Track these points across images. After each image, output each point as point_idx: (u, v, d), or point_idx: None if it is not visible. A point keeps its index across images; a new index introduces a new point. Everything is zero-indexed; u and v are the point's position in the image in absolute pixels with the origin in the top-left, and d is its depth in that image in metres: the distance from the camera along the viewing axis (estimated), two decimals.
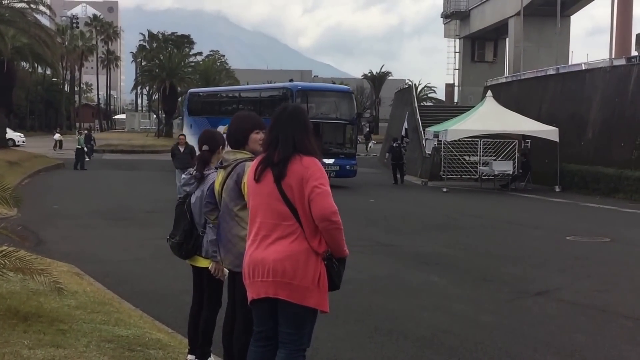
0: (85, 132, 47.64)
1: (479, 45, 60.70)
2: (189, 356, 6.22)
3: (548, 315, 9.32)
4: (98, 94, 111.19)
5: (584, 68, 32.91)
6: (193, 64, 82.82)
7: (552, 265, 13.03)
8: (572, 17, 50.58)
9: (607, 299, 10.37)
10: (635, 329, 8.74)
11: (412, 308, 9.44)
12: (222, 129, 27.64)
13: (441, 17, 63.08)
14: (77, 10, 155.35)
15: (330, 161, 27.26)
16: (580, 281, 11.63)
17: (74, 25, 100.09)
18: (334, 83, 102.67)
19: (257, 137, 5.53)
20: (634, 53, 35.27)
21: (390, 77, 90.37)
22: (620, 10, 32.33)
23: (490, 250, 14.70)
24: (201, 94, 42.38)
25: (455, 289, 10.88)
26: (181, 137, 23.23)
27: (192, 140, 26.98)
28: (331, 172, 26.62)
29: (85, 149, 37.79)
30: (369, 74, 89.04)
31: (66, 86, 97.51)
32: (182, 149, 21.19)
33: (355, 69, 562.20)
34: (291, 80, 38.14)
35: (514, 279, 11.58)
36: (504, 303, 9.92)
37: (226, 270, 5.60)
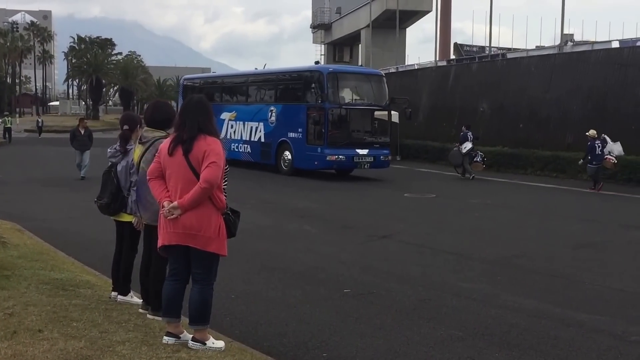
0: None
1: (339, 50, 61.15)
2: (113, 293, 6.12)
3: (391, 253, 9.55)
4: (35, 85, 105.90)
5: (416, 67, 33.78)
6: (115, 62, 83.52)
7: (394, 215, 13.36)
8: (407, 29, 51.70)
9: (435, 239, 10.72)
10: (456, 261, 9.06)
11: (289, 250, 9.48)
12: (227, 115, 23.97)
13: (310, 27, 63.07)
14: (17, 17, 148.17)
15: (364, 152, 19.88)
16: (414, 227, 11.97)
17: (15, 29, 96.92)
18: None
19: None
20: (452, 57, 36.33)
21: None
22: (442, 25, 33.21)
23: (349, 205, 14.93)
24: (197, 81, 29.64)
25: (322, 235, 11.00)
26: (83, 121, 20.15)
27: None
28: (364, 164, 20.00)
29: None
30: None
31: (8, 79, 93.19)
32: (82, 132, 18.97)
33: (245, 66, 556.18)
34: (317, 63, 28.58)
35: (366, 226, 11.80)
36: (359, 245, 10.09)
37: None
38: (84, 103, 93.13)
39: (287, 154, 21.02)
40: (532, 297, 7.09)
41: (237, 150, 23.34)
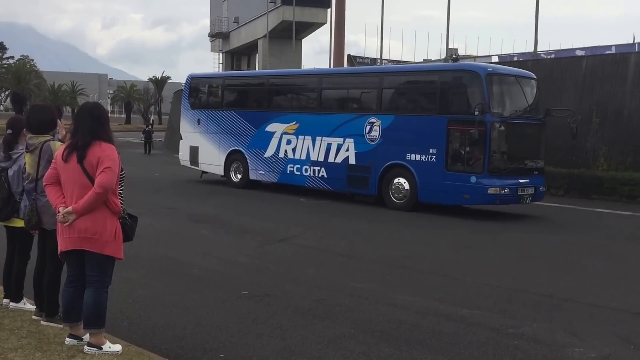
0: None
1: (237, 59, 60.89)
2: (4, 300, 5.81)
3: (287, 256, 9.61)
4: None
5: None
6: (6, 65, 78.11)
7: (290, 219, 13.43)
8: (303, 40, 52.23)
9: (328, 242, 10.88)
10: (349, 263, 9.23)
11: (187, 255, 9.34)
12: (280, 127, 17.28)
13: (209, 36, 62.43)
14: None
15: (526, 180, 14.05)
16: (310, 230, 12.09)
17: None
18: (125, 85, 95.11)
19: (61, 124, 5.52)
20: (345, 66, 36.89)
21: (170, 81, 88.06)
22: (336, 37, 33.76)
23: (247, 211, 14.87)
24: (217, 81, 20.87)
25: (220, 239, 10.91)
26: None
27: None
28: (526, 197, 14.09)
29: None
30: (153, 78, 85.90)
31: None
32: None
33: (143, 73, 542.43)
34: (455, 60, 20.06)
35: (263, 230, 11.80)
36: (256, 248, 10.08)
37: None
38: None
39: (403, 183, 14.80)
40: (419, 295, 7.34)
41: (298, 173, 17.02)
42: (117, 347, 4.76)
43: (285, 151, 17.24)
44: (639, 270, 9.41)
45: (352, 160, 15.79)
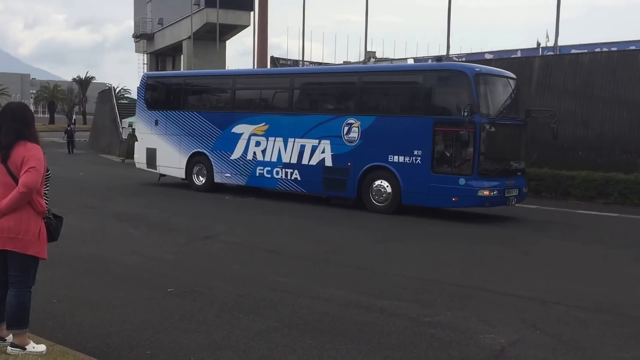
0: None
1: (162, 59, 59.76)
2: None
3: (213, 252, 9.53)
4: None
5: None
6: None
7: (216, 217, 13.31)
8: (227, 41, 51.86)
9: (254, 239, 10.84)
10: (273, 258, 9.22)
11: (113, 253, 9.11)
12: (247, 128, 16.38)
13: (133, 37, 60.94)
14: None
15: (511, 182, 13.71)
16: (236, 227, 12.02)
17: None
18: (48, 85, 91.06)
19: None
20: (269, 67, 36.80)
21: (94, 81, 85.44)
22: (259, 39, 33.66)
23: (173, 209, 14.64)
24: (174, 80, 20.04)
25: (146, 237, 10.70)
26: None
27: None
28: (512, 199, 13.71)
29: None
30: (77, 78, 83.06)
31: None
32: None
33: (66, 73, 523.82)
34: (439, 60, 20.04)
35: (189, 228, 11.65)
36: (182, 245, 9.95)
37: None
38: None
39: (385, 185, 14.12)
40: (342, 288, 7.43)
41: (269, 176, 16.10)
42: (42, 347, 4.61)
43: (254, 153, 16.34)
44: (545, 259, 9.84)
45: (328, 162, 14.97)
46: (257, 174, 16.32)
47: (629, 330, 6.14)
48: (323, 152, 15.06)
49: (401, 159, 13.83)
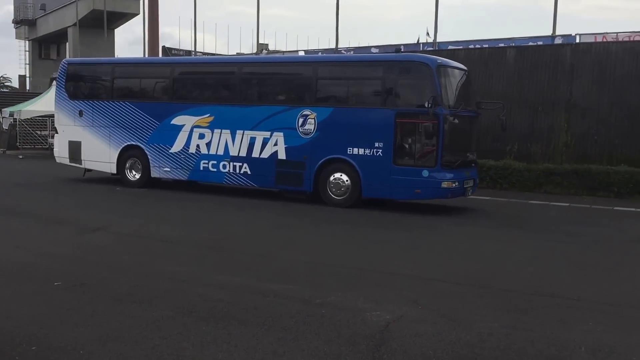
0: None
1: (45, 46, 56.51)
2: None
3: (103, 244, 9.16)
4: None
5: None
6: None
7: (107, 209, 12.82)
8: (116, 30, 49.89)
9: (145, 229, 10.56)
10: (167, 248, 9.01)
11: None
12: (190, 120, 15.23)
13: (13, 22, 57.21)
14: None
15: (469, 173, 13.66)
16: (127, 218, 11.64)
17: None
18: None
19: None
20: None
21: None
22: (150, 28, 32.60)
23: (61, 202, 13.95)
24: (123, 65, 18.08)
25: (32, 231, 10.12)
26: None
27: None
28: (469, 189, 13.61)
29: None
30: None
31: None
32: None
33: None
34: (398, 51, 18.19)
35: (78, 220, 11.13)
36: (70, 238, 9.50)
37: None
38: None
39: (343, 178, 13.61)
40: (236, 275, 7.39)
41: (214, 170, 15.09)
42: None
43: (198, 146, 15.19)
44: (426, 239, 10.24)
45: (281, 155, 14.19)
46: (201, 168, 15.24)
47: (499, 302, 6.54)
48: (276, 144, 14.27)
49: (361, 151, 13.35)
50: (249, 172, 14.70)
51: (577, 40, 21.58)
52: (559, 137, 17.58)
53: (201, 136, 15.20)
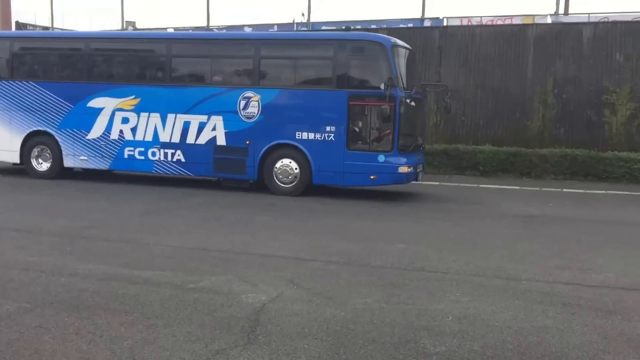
0: None
1: None
2: None
3: None
4: None
5: None
6: None
7: None
8: None
9: (1, 218, 9.88)
10: (24, 237, 8.47)
11: None
12: (111, 102, 13.82)
13: None
14: None
15: (419, 157, 13.45)
16: None
17: None
18: None
19: None
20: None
21: None
22: (1, 2, 30.36)
23: None
24: (24, 40, 16.01)
25: None
26: None
27: None
28: (420, 174, 13.20)
29: None
30: None
31: None
32: None
33: None
34: (349, 29, 15.57)
35: None
36: None
37: None
38: None
39: (292, 165, 13.02)
40: (102, 263, 7.09)
41: (142, 157, 13.91)
42: None
43: (121, 131, 13.90)
44: (307, 222, 10.36)
45: (221, 141, 13.27)
46: (126, 156, 13.97)
47: (372, 279, 6.75)
48: (214, 129, 13.30)
49: (311, 135, 12.73)
50: (182, 160, 13.66)
51: (445, 24, 22.60)
52: (429, 119, 18.39)
53: (125, 120, 13.91)
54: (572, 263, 7.66)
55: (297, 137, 12.88)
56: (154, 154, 13.81)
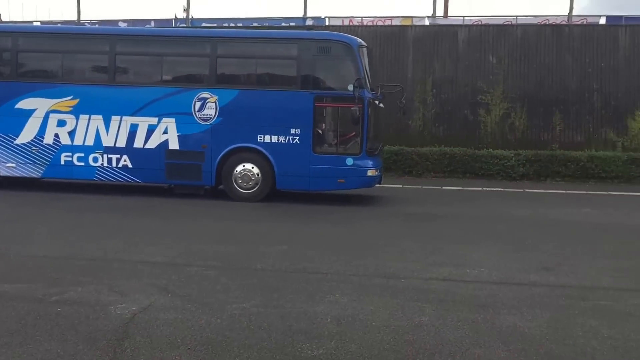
0: None
1: None
2: None
3: None
4: None
5: None
6: None
7: None
8: None
9: None
10: None
11: None
12: (44, 104, 12.48)
13: None
14: None
15: (380, 160, 13.38)
16: None
17: None
18: None
19: None
20: None
21: None
22: None
23: None
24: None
25: None
26: None
27: None
28: (381, 177, 13.18)
29: None
30: None
31: None
32: None
33: None
34: (310, 28, 15.88)
35: None
36: None
37: None
38: None
39: (253, 171, 12.48)
40: None
41: (81, 164, 12.79)
42: None
43: (57, 135, 12.72)
44: (183, 225, 10.07)
45: (173, 145, 12.46)
46: (62, 163, 12.81)
47: (251, 282, 6.65)
48: (165, 132, 12.48)
49: (274, 138, 12.21)
50: (129, 166, 12.70)
51: (327, 23, 22.87)
52: None
53: (61, 123, 12.74)
54: (449, 259, 7.93)
55: (259, 140, 12.36)
56: (95, 159, 12.80)
